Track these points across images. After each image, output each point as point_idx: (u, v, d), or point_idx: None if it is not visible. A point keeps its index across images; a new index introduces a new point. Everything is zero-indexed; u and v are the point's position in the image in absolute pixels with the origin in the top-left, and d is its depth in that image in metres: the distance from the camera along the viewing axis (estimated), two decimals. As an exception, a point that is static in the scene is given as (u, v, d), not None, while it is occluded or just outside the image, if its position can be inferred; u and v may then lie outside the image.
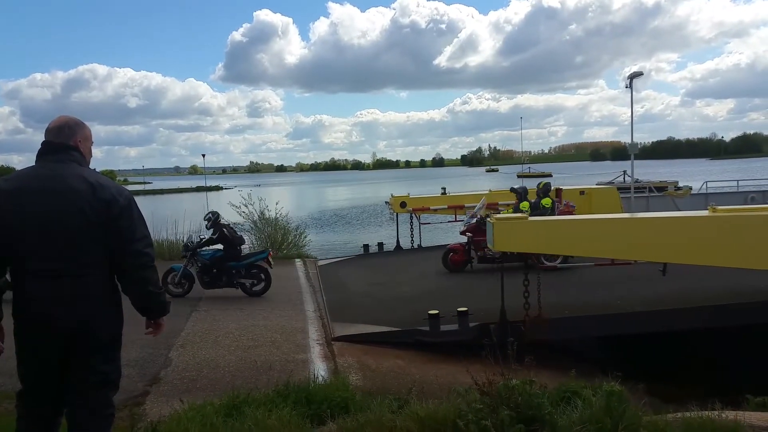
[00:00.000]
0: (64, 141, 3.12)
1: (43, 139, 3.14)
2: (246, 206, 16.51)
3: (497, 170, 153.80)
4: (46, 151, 3.10)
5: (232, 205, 16.71)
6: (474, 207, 14.24)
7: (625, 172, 24.60)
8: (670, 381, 7.71)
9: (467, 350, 7.13)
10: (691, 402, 4.64)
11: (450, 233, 22.46)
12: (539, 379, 4.04)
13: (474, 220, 12.74)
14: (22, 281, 2.94)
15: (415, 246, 17.44)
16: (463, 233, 12.90)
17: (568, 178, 68.45)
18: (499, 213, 12.06)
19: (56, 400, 3.09)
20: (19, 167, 3.30)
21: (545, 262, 11.34)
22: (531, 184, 21.41)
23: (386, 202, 18.96)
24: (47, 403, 3.08)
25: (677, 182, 29.02)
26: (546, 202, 12.67)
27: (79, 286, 2.96)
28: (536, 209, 12.48)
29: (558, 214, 12.09)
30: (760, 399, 4.96)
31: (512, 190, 14.89)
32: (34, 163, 3.13)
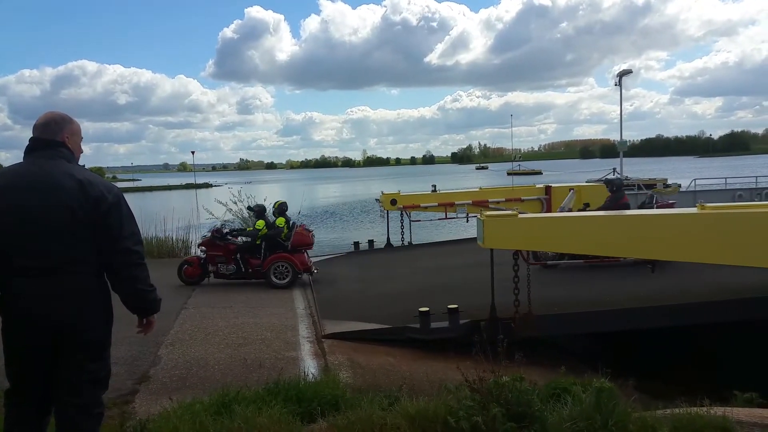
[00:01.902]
0: (52, 137, 3.09)
1: (31, 136, 3.11)
2: (235, 203, 16.43)
3: (487, 167, 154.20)
4: (33, 148, 3.07)
5: (220, 202, 16.62)
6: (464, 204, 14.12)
7: (614, 169, 24.68)
8: (659, 377, 7.76)
9: (458, 347, 7.15)
10: (680, 398, 4.68)
11: (440, 230, 22.52)
12: (529, 375, 4.07)
13: (209, 235, 12.16)
14: (10, 279, 2.91)
15: (406, 243, 17.43)
16: (200, 245, 12.37)
17: (558, 175, 68.84)
18: (490, 210, 12.06)
19: (44, 398, 3.06)
20: (6, 164, 3.27)
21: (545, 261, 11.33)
22: (522, 182, 21.44)
23: (377, 200, 18.93)
24: (35, 401, 3.05)
25: (666, 180, 29.14)
26: (280, 221, 11.97)
27: (67, 284, 2.93)
28: (272, 228, 11.89)
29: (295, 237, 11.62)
30: (748, 395, 4.99)
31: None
32: (21, 160, 3.10)
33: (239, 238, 12.05)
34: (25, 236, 2.89)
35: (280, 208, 12.27)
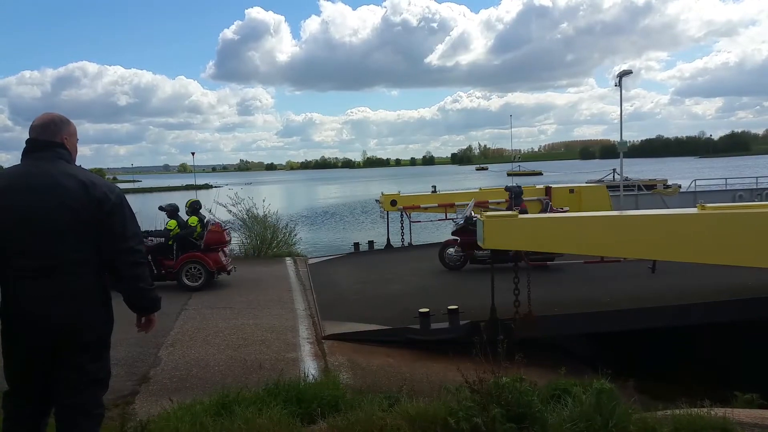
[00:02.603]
0: (51, 138, 3.09)
1: (28, 137, 3.10)
2: (234, 205, 16.43)
3: (487, 168, 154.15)
4: (32, 149, 3.07)
5: (219, 203, 16.61)
6: (465, 206, 14.21)
7: (614, 170, 24.71)
8: (660, 378, 7.75)
9: (458, 348, 7.14)
10: (681, 399, 4.68)
11: (440, 231, 22.50)
12: (529, 376, 4.06)
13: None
14: (10, 280, 2.90)
15: (406, 244, 17.43)
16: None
17: (558, 176, 68.79)
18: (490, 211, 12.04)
19: (44, 399, 3.06)
20: (6, 165, 3.27)
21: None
22: (522, 183, 21.44)
23: (377, 201, 18.94)
24: (35, 402, 3.05)
25: (666, 180, 29.19)
26: (192, 220, 11.87)
27: (68, 285, 2.93)
28: (184, 228, 11.77)
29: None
30: (749, 396, 4.99)
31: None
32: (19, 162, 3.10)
33: (150, 239, 11.57)
34: (27, 237, 2.89)
35: (193, 207, 12.09)
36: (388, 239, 17.53)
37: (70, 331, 2.94)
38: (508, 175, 71.54)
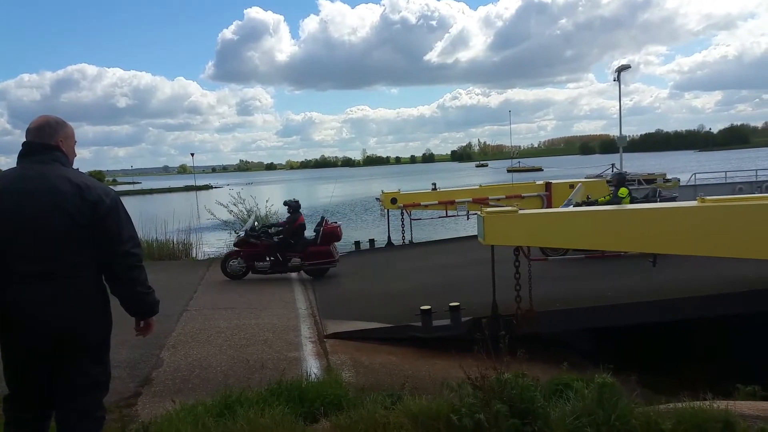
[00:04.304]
0: (46, 141, 3.08)
1: (24, 140, 3.10)
2: (236, 205, 16.45)
3: (487, 165, 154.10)
4: (28, 152, 3.06)
5: (220, 203, 16.64)
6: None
7: (613, 165, 24.67)
8: (662, 372, 7.75)
9: (460, 345, 7.13)
10: (683, 392, 4.67)
11: (441, 229, 22.49)
12: (531, 372, 4.06)
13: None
14: (8, 285, 2.89)
15: (407, 242, 17.43)
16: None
17: (558, 171, 68.79)
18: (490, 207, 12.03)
19: (44, 403, 3.06)
20: (5, 168, 3.26)
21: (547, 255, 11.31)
22: (522, 179, 21.43)
23: (377, 199, 18.94)
24: (35, 406, 3.05)
25: (665, 174, 29.13)
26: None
27: (67, 288, 2.93)
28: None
29: None
30: (751, 388, 4.99)
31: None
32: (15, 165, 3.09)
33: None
34: (24, 241, 2.88)
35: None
36: (389, 237, 17.53)
37: (71, 334, 2.94)
38: (508, 171, 71.49)
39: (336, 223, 13.14)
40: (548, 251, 11.29)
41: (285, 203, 12.80)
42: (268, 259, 12.26)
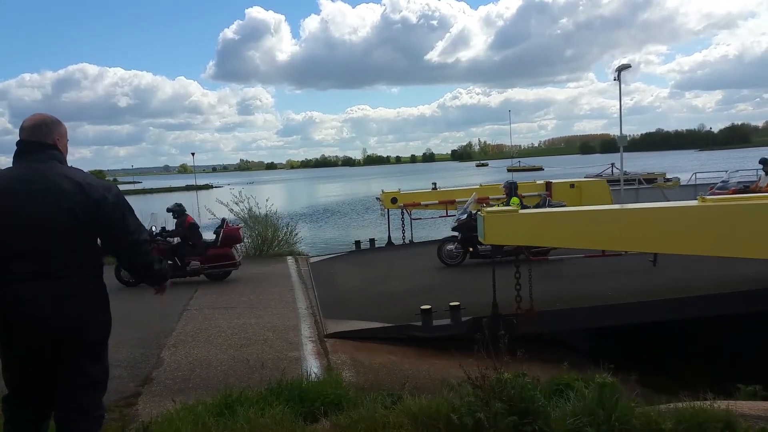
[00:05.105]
0: (43, 139, 3.07)
1: (19, 138, 3.08)
2: (237, 204, 16.43)
3: (487, 165, 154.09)
4: (26, 151, 3.05)
5: (221, 202, 16.63)
6: (465, 202, 14.24)
7: (613, 164, 24.66)
8: (662, 372, 7.75)
9: (460, 344, 7.13)
10: (683, 392, 4.67)
11: (441, 228, 22.49)
12: (531, 371, 4.05)
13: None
14: (9, 284, 2.88)
15: (407, 242, 17.42)
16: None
17: (558, 171, 68.71)
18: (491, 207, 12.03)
19: (44, 402, 3.06)
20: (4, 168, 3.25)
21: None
22: (521, 179, 21.44)
23: (377, 198, 18.93)
24: (34, 406, 3.04)
25: (665, 174, 29.10)
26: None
27: (68, 287, 2.93)
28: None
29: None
30: (752, 388, 4.99)
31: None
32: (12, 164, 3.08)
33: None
34: (27, 240, 2.88)
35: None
36: (389, 237, 17.52)
37: (72, 333, 2.94)
38: (508, 170, 71.46)
39: (237, 225, 12.95)
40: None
41: (168, 210, 12.47)
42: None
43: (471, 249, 12.48)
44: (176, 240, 12.03)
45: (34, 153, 3.03)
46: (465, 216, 12.78)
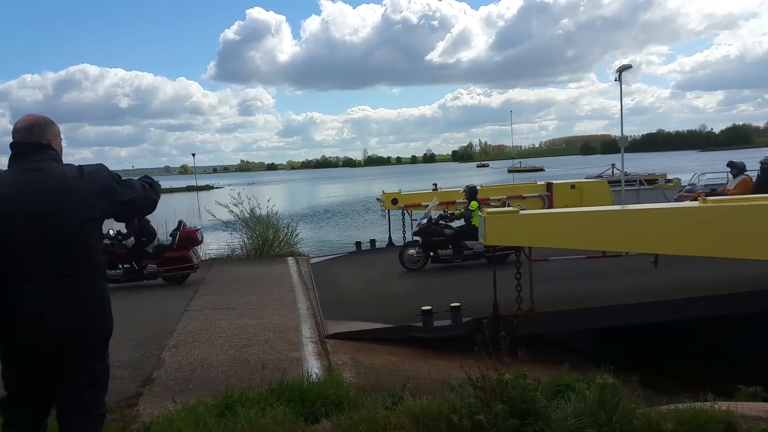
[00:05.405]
0: (37, 140, 3.08)
1: (12, 140, 3.08)
2: (236, 205, 16.41)
3: (488, 165, 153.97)
4: (23, 152, 3.04)
5: (220, 204, 16.62)
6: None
7: (613, 165, 24.64)
8: (663, 373, 7.74)
9: (460, 345, 7.13)
10: (684, 393, 4.67)
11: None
12: (532, 372, 4.04)
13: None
14: (16, 284, 2.86)
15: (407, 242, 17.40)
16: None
17: (559, 172, 68.70)
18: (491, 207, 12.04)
19: (43, 402, 3.06)
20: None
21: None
22: (523, 179, 21.41)
23: (378, 199, 18.93)
24: (34, 406, 3.05)
25: (665, 174, 29.07)
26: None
27: (69, 287, 2.93)
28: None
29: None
30: (753, 389, 4.98)
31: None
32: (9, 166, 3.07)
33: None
34: (28, 241, 2.87)
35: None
36: (390, 237, 17.51)
37: (73, 332, 2.95)
38: (509, 171, 71.41)
39: (195, 227, 12.79)
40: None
41: None
42: (121, 267, 11.75)
43: (432, 254, 12.64)
44: (131, 241, 11.87)
45: (31, 154, 3.03)
46: (425, 221, 12.89)
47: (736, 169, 13.26)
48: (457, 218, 13.40)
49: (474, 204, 13.02)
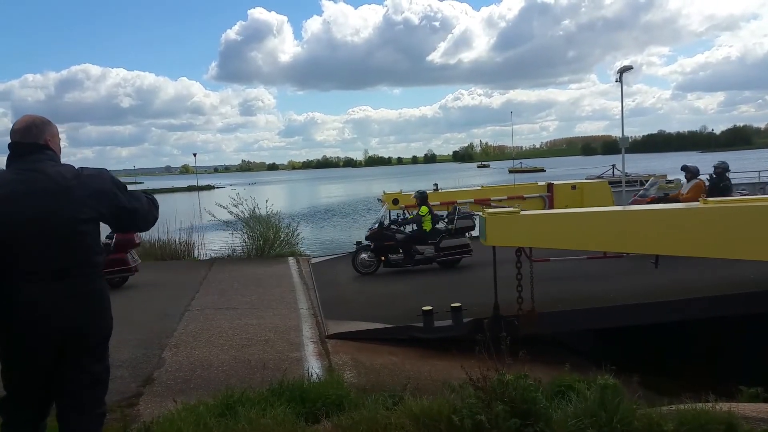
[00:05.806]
0: (35, 140, 3.07)
1: (10, 141, 3.07)
2: (236, 205, 16.38)
3: (489, 166, 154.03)
4: (20, 153, 3.04)
5: (220, 205, 16.59)
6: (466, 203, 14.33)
7: (614, 166, 24.64)
8: (664, 373, 7.74)
9: (461, 346, 7.13)
10: (685, 394, 4.66)
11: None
12: (533, 373, 4.04)
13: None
14: (16, 285, 2.86)
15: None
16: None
17: (560, 173, 68.69)
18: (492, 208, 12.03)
19: (43, 402, 3.07)
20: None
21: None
22: (523, 180, 21.35)
23: (379, 199, 18.92)
24: (34, 406, 3.05)
25: (665, 175, 29.06)
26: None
27: (78, 287, 2.94)
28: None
29: None
30: (754, 390, 4.98)
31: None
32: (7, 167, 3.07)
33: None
34: (28, 242, 2.87)
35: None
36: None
37: (73, 332, 2.95)
38: (510, 171, 71.41)
39: None
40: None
41: None
42: None
43: (383, 258, 12.72)
44: None
45: (29, 154, 3.03)
46: (377, 225, 12.99)
47: (690, 173, 13.39)
48: (408, 223, 13.57)
49: (424, 209, 13.19)
